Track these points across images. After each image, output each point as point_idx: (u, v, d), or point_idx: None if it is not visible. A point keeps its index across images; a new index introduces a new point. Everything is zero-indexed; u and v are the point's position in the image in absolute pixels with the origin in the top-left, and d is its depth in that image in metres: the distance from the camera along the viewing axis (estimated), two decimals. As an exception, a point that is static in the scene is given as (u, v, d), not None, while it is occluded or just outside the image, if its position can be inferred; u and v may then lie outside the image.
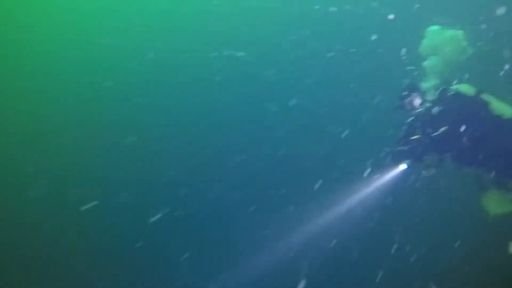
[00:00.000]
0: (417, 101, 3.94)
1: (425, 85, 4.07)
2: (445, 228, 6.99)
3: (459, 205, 6.37)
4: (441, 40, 4.18)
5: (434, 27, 4.29)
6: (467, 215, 5.73)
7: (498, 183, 3.71)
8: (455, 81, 4.02)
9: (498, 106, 3.80)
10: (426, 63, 4.14)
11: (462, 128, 3.67)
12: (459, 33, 4.22)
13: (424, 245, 6.96)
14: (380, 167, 4.19)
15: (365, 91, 8.53)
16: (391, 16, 9.22)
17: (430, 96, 3.98)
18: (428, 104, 3.90)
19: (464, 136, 3.65)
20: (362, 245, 7.25)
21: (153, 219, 7.76)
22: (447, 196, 6.56)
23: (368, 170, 4.92)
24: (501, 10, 7.02)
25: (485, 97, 3.82)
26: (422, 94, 3.99)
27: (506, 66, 6.61)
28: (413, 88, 4.01)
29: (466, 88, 3.88)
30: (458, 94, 3.81)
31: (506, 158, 3.62)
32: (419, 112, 3.91)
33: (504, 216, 3.73)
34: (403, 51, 6.19)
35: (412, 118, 4.05)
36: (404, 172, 3.99)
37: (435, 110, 3.85)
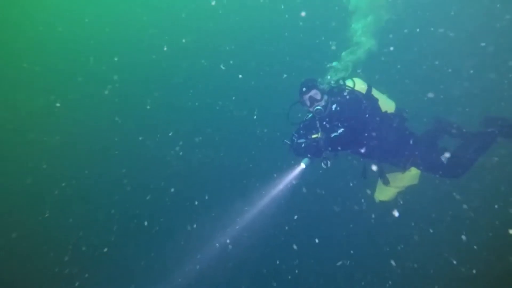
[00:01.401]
0: (317, 98, 3.90)
1: (327, 80, 4.06)
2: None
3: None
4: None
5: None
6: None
7: (381, 173, 4.01)
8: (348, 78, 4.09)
9: (385, 102, 4.08)
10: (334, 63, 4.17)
11: (356, 124, 3.78)
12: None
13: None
14: (282, 165, 4.22)
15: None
16: (303, 13, 9.57)
17: (328, 92, 3.98)
18: (325, 102, 3.90)
19: (357, 131, 3.80)
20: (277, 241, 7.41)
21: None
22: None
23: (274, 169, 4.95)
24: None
25: (375, 93, 4.05)
26: (321, 90, 3.94)
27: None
28: (312, 85, 3.95)
29: (359, 84, 4.00)
30: (353, 91, 3.92)
31: (388, 150, 3.92)
32: (318, 109, 3.88)
33: (387, 202, 4.07)
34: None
35: (310, 114, 4.09)
36: (305, 169, 3.98)
37: (332, 106, 3.91)
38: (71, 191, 8.57)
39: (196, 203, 7.83)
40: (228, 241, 6.90)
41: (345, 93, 3.90)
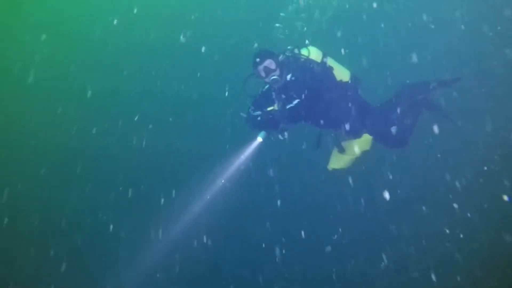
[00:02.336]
0: (271, 67, 3.82)
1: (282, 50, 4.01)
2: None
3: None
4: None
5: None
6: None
7: (337, 141, 4.11)
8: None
9: (340, 71, 4.11)
10: None
11: (311, 94, 3.80)
12: None
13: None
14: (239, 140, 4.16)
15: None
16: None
17: (283, 62, 3.91)
18: (280, 71, 3.84)
19: (314, 100, 3.82)
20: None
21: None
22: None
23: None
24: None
25: (329, 61, 4.05)
26: (276, 60, 3.87)
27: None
28: (266, 54, 3.86)
29: (314, 52, 3.98)
30: (307, 60, 3.90)
31: (343, 119, 3.98)
32: (274, 79, 3.82)
33: (341, 170, 4.21)
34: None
35: (266, 86, 4.04)
36: (262, 143, 3.95)
37: (288, 76, 3.87)
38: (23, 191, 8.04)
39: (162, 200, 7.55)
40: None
41: (300, 62, 3.88)
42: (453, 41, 7.06)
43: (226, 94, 7.25)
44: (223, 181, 4.61)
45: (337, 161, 4.17)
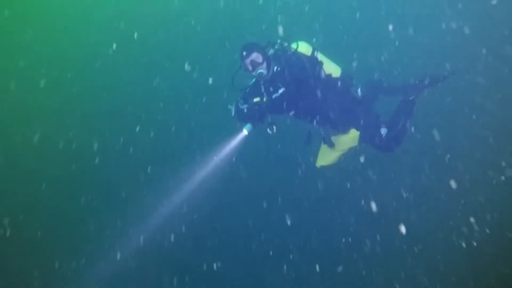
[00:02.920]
0: (258, 61, 3.75)
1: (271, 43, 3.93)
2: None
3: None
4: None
5: None
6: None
7: (327, 137, 4.01)
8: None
9: (330, 66, 4.04)
10: None
11: (297, 84, 3.74)
12: None
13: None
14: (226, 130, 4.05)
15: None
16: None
17: (271, 55, 3.87)
18: (267, 64, 3.77)
19: (299, 91, 3.75)
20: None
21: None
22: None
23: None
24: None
25: (319, 56, 3.97)
26: (264, 53, 3.81)
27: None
28: (252, 48, 3.79)
29: (303, 46, 3.92)
30: (296, 53, 3.82)
31: (333, 115, 3.90)
32: (260, 72, 3.74)
33: (329, 166, 4.11)
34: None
35: (253, 79, 3.96)
36: (247, 135, 3.87)
37: (274, 68, 3.81)
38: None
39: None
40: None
41: (288, 54, 3.81)
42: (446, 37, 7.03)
43: (210, 81, 7.08)
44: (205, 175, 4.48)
45: (325, 158, 4.08)
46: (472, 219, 5.96)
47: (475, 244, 5.90)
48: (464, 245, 5.99)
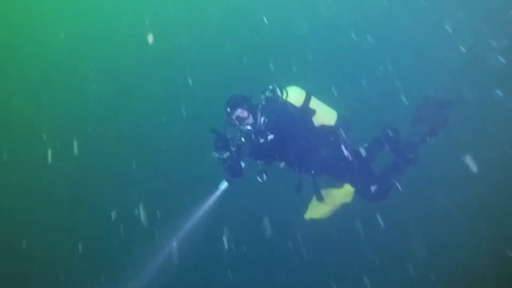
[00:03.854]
0: (243, 116, 3.70)
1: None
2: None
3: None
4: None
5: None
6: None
7: (316, 189, 3.83)
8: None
9: (323, 114, 3.89)
10: None
11: (286, 135, 3.61)
12: None
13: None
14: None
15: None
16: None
17: (258, 108, 3.75)
18: (253, 118, 3.71)
19: (286, 142, 3.62)
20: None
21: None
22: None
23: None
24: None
25: (312, 102, 3.84)
26: (249, 106, 3.72)
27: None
28: (235, 103, 3.72)
29: (294, 93, 3.79)
30: (284, 104, 3.70)
31: (322, 166, 3.78)
32: (246, 131, 3.66)
33: (318, 220, 3.90)
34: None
35: (240, 134, 3.74)
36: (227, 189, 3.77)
37: (261, 119, 3.69)
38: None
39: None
40: None
41: (276, 105, 3.67)
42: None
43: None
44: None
45: (315, 210, 3.87)
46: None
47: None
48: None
